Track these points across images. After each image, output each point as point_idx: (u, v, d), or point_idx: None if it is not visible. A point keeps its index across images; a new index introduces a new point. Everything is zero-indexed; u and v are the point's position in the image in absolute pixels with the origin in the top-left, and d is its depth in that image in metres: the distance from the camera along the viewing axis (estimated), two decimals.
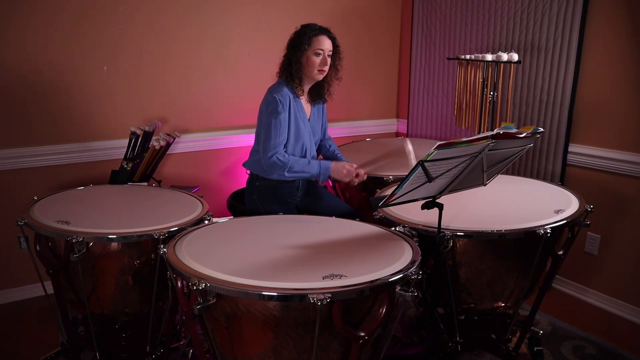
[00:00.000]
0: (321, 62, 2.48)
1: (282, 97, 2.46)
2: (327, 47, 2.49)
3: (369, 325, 1.63)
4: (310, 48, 2.46)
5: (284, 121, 2.46)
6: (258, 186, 2.62)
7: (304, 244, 1.88)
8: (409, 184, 1.74)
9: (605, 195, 2.88)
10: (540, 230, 1.95)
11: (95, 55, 2.99)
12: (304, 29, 2.50)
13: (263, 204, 2.61)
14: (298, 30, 2.53)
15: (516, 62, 2.89)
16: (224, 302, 1.59)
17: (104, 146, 3.09)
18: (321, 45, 2.46)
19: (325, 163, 2.56)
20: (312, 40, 2.45)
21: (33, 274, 2.26)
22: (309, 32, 2.46)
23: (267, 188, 2.61)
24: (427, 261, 1.99)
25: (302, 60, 2.47)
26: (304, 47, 2.45)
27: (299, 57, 2.47)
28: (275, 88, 2.52)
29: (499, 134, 1.79)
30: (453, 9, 3.57)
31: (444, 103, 3.76)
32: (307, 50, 2.46)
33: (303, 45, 2.45)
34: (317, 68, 2.48)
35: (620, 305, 2.91)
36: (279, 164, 2.45)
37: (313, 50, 2.46)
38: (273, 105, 2.44)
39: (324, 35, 2.48)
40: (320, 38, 2.47)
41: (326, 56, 2.49)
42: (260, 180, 2.61)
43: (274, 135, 2.44)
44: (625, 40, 2.72)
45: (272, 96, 2.46)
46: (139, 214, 2.19)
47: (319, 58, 2.47)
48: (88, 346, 2.26)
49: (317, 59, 2.47)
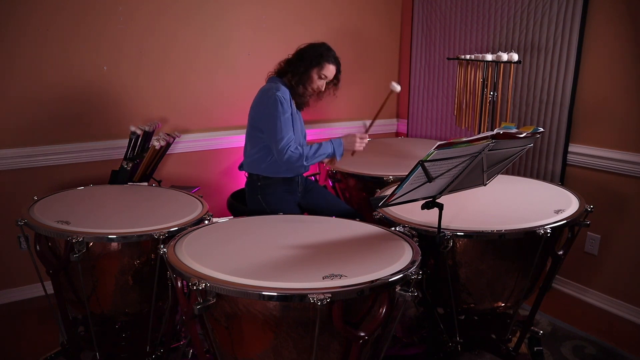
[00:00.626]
0: (319, 85, 2.61)
1: (284, 94, 2.51)
2: (330, 76, 2.62)
3: (369, 325, 1.63)
4: (319, 68, 2.56)
5: (289, 117, 2.52)
6: (260, 186, 2.63)
7: (304, 244, 1.88)
8: (409, 184, 1.74)
9: (605, 195, 2.88)
10: (540, 230, 1.95)
11: (95, 55, 2.99)
12: (323, 48, 2.59)
13: (268, 203, 2.62)
14: (318, 46, 2.59)
15: (516, 62, 2.89)
16: (224, 302, 1.59)
17: (104, 146, 3.09)
18: (328, 72, 2.59)
19: (336, 139, 2.64)
20: (324, 64, 2.57)
21: (33, 274, 2.26)
22: (326, 55, 2.57)
23: (270, 187, 2.62)
24: (427, 261, 1.99)
25: (309, 72, 2.57)
26: (315, 64, 2.55)
27: (308, 69, 2.56)
28: (274, 86, 2.53)
29: (499, 134, 1.79)
30: (453, 9, 3.57)
31: (444, 103, 3.76)
32: (316, 67, 2.56)
33: (316, 61, 2.55)
34: (312, 88, 2.60)
35: (620, 305, 2.91)
36: (296, 156, 2.50)
37: (320, 72, 2.57)
38: (278, 103, 2.48)
39: (334, 65, 2.61)
40: (331, 67, 2.59)
41: (324, 83, 2.62)
42: (261, 179, 2.62)
43: (285, 132, 2.49)
44: (625, 40, 2.72)
45: (275, 95, 2.49)
46: (139, 214, 2.19)
47: (320, 82, 2.60)
48: (88, 346, 2.26)
49: (319, 82, 2.60)
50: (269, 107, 2.49)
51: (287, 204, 2.61)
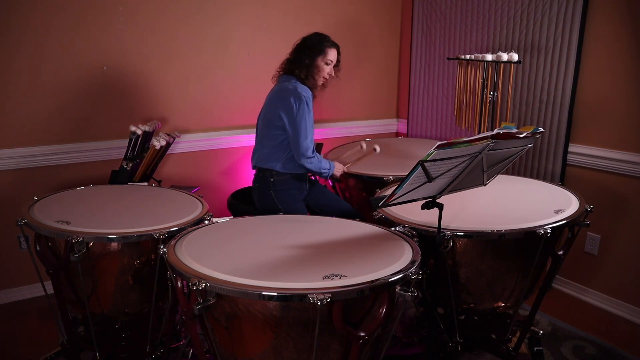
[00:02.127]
0: (328, 71, 2.67)
1: (309, 99, 2.57)
2: (335, 59, 2.68)
3: (369, 325, 1.63)
4: (323, 55, 2.62)
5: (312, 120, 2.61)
6: (274, 182, 2.64)
7: (304, 244, 1.88)
8: (409, 184, 1.74)
9: (605, 195, 2.88)
10: (540, 230, 1.95)
11: (95, 55, 2.99)
12: (319, 36, 2.66)
13: (281, 200, 2.63)
14: (313, 36, 2.66)
15: (516, 62, 2.89)
16: (224, 302, 1.59)
17: (104, 146, 3.09)
18: (332, 56, 2.66)
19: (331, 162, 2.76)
20: (326, 50, 2.63)
21: (33, 274, 2.26)
22: (324, 41, 2.64)
23: (283, 182, 2.64)
24: (427, 261, 1.99)
25: (315, 62, 2.62)
26: (318, 52, 2.62)
27: (314, 59, 2.62)
28: (298, 87, 2.58)
29: (499, 134, 1.79)
30: (453, 9, 3.57)
31: (444, 103, 3.76)
32: (320, 55, 2.62)
33: (319, 50, 2.62)
34: (323, 76, 2.66)
35: (620, 305, 2.91)
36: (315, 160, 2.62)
37: (324, 59, 2.62)
38: (305, 105, 2.54)
39: (335, 49, 2.68)
40: (333, 51, 2.66)
41: (332, 67, 2.67)
42: (274, 175, 2.64)
43: (310, 135, 2.58)
44: (625, 41, 2.72)
45: (302, 95, 2.54)
46: (139, 214, 2.19)
47: (328, 67, 2.65)
48: (88, 346, 2.26)
49: (327, 67, 2.65)
50: (298, 108, 2.52)
51: (298, 202, 2.67)
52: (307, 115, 2.54)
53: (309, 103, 2.56)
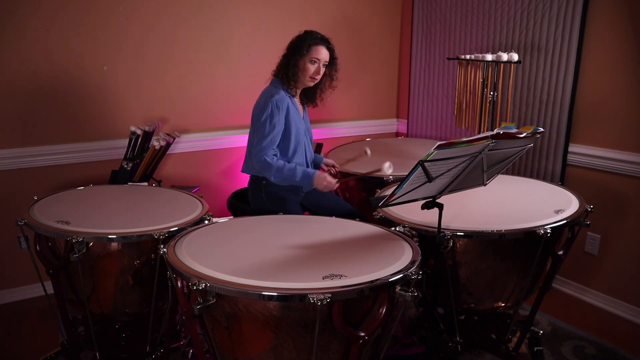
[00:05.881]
0: (315, 71, 2.54)
1: (280, 101, 2.49)
2: (323, 57, 2.55)
3: (369, 325, 1.63)
4: (307, 55, 2.52)
5: (278, 125, 2.49)
6: (265, 185, 2.62)
7: (304, 244, 1.88)
8: (409, 184, 1.74)
9: (605, 195, 2.88)
10: (540, 230, 1.95)
11: (95, 55, 2.99)
12: (306, 35, 2.56)
13: (272, 202, 2.62)
14: (300, 35, 2.58)
15: (516, 62, 2.88)
16: (224, 302, 1.59)
17: (104, 146, 3.09)
18: (318, 54, 2.52)
19: (310, 172, 2.52)
20: (310, 48, 2.52)
21: (33, 274, 2.26)
22: (309, 39, 2.53)
23: (274, 185, 2.62)
24: (427, 261, 1.99)
25: (299, 64, 2.53)
26: (302, 53, 2.52)
27: (297, 61, 2.53)
28: (272, 90, 2.54)
29: (499, 134, 1.79)
30: (453, 9, 3.57)
31: (444, 103, 3.76)
32: (304, 56, 2.52)
33: (302, 50, 2.52)
34: (310, 75, 2.55)
35: (620, 305, 2.91)
36: (265, 164, 2.49)
37: (309, 58, 2.52)
38: (268, 110, 2.47)
39: (322, 45, 2.54)
40: (319, 48, 2.53)
41: (321, 66, 2.55)
42: (266, 178, 2.62)
43: (265, 137, 2.47)
44: (625, 41, 2.72)
45: (267, 101, 2.49)
46: (139, 214, 2.19)
47: (313, 66, 2.54)
48: (88, 346, 2.26)
49: (312, 66, 2.53)
50: (260, 110, 2.50)
51: (291, 203, 2.62)
52: (269, 120, 2.45)
53: (280, 106, 2.47)
